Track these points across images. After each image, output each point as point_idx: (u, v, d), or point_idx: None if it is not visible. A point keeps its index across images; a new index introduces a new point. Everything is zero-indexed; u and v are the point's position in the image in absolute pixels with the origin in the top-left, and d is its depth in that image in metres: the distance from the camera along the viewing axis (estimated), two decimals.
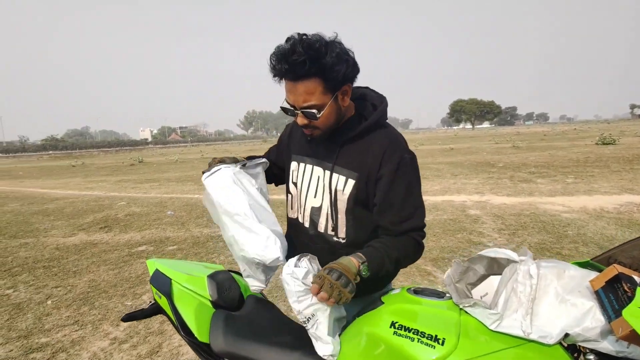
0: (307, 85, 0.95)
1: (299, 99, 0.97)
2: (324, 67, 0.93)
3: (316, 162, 1.13)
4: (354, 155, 1.07)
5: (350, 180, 1.06)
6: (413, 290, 0.91)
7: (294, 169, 1.20)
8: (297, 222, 1.21)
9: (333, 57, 0.93)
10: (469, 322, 0.78)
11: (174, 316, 1.06)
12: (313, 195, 1.14)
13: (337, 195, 1.08)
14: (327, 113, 1.00)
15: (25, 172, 20.83)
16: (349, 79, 1.01)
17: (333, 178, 1.08)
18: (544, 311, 0.76)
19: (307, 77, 0.94)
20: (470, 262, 0.93)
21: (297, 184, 1.18)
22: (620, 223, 4.58)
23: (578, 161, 10.89)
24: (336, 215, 1.10)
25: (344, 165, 1.07)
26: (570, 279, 0.78)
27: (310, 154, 1.16)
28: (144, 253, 4.38)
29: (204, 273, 1.15)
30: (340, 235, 1.11)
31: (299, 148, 1.20)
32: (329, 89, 0.97)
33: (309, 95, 0.96)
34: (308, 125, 1.03)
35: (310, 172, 1.14)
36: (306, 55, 0.90)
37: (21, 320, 2.84)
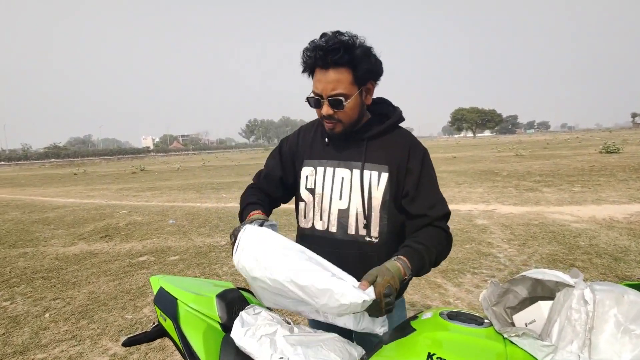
0: (338, 73, 1.00)
1: (328, 87, 1.02)
2: (355, 58, 0.99)
3: (339, 164, 1.13)
4: (381, 150, 1.11)
5: (384, 174, 1.09)
6: (447, 315, 0.82)
7: (309, 174, 1.17)
8: (314, 230, 1.16)
9: (364, 49, 1.02)
10: (516, 355, 0.69)
11: (180, 341, 0.97)
12: (338, 198, 1.11)
13: (372, 192, 1.09)
14: (353, 105, 1.05)
15: (27, 180, 20.80)
16: (374, 76, 1.07)
17: (365, 175, 1.09)
18: (603, 343, 0.67)
19: (339, 65, 1.00)
20: (511, 284, 0.83)
21: (316, 189, 1.15)
22: (633, 233, 4.47)
23: (583, 170, 10.79)
24: (369, 213, 1.09)
25: (373, 161, 1.10)
26: (632, 305, 0.69)
27: (328, 156, 1.15)
28: (145, 263, 4.28)
29: (212, 292, 1.06)
30: (373, 235, 1.10)
31: (313, 153, 1.18)
32: (356, 81, 1.03)
33: (339, 83, 1.01)
34: (332, 117, 1.06)
35: (331, 175, 1.13)
36: (341, 44, 0.99)
37: (17, 335, 2.74)
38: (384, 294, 0.86)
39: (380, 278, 0.88)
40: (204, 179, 15.07)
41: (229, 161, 32.44)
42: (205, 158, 45.35)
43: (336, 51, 0.98)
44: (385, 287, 0.86)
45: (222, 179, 14.95)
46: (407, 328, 0.83)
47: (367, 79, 1.05)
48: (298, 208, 1.22)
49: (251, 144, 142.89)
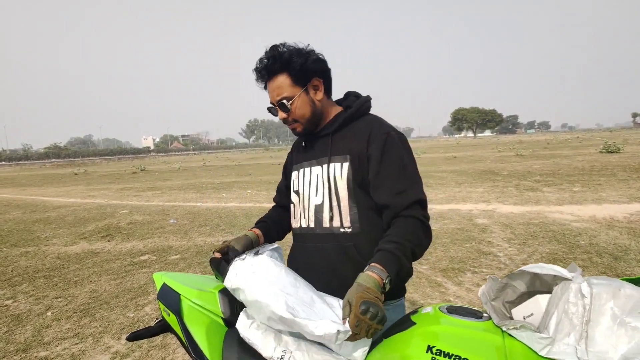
0: (276, 81, 1.11)
1: (273, 95, 1.12)
2: (285, 62, 1.08)
3: (313, 163, 1.18)
4: (343, 142, 1.14)
5: (345, 164, 1.11)
6: (447, 309, 0.83)
7: (295, 177, 1.25)
8: (301, 229, 1.21)
9: (292, 52, 1.09)
10: (515, 347, 0.70)
11: (183, 336, 0.98)
12: (315, 194, 1.16)
13: (337, 184, 1.11)
14: (299, 104, 1.12)
15: (28, 180, 20.83)
16: (315, 73, 1.12)
17: (330, 168, 1.12)
18: (600, 335, 0.68)
19: (275, 74, 1.10)
20: (509, 279, 0.85)
21: (299, 190, 1.21)
22: (633, 233, 4.48)
23: (583, 169, 10.80)
24: (338, 204, 1.11)
25: (337, 153, 1.13)
26: (628, 298, 0.70)
27: (306, 157, 1.22)
28: (147, 262, 4.30)
29: (215, 288, 1.07)
30: (345, 225, 1.11)
31: (297, 158, 1.28)
32: (296, 82, 1.10)
33: (280, 89, 1.11)
34: (287, 120, 1.15)
35: (309, 174, 1.18)
36: (271, 55, 1.10)
37: (20, 333, 2.75)
38: (362, 311, 0.80)
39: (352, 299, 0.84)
40: (205, 179, 15.09)
41: (229, 161, 32.46)
42: (206, 158, 45.39)
43: (266, 64, 1.10)
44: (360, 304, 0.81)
45: (223, 178, 14.97)
46: (407, 322, 0.85)
47: (308, 77, 1.11)
48: (290, 211, 1.28)
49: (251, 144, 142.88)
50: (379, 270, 0.90)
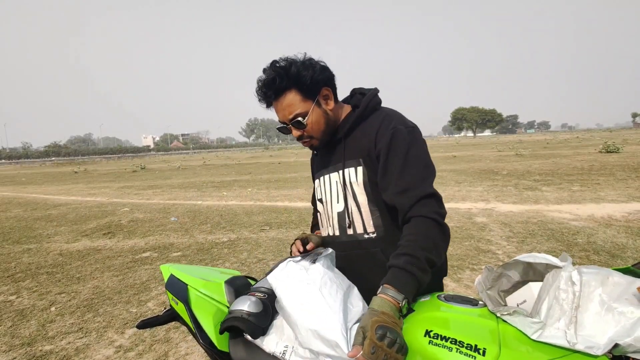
0: (286, 99, 1.04)
1: (285, 113, 1.06)
2: (293, 77, 1.02)
3: (331, 169, 1.14)
4: (354, 143, 1.09)
5: (359, 168, 1.06)
6: (444, 297, 0.87)
7: (317, 186, 1.22)
8: (328, 237, 1.18)
9: (298, 66, 1.03)
10: (508, 331, 0.74)
11: (192, 324, 1.02)
12: (336, 202, 1.13)
13: (354, 189, 1.07)
14: (314, 119, 1.07)
15: (28, 178, 20.86)
16: (323, 82, 1.07)
17: (345, 174, 1.08)
18: (589, 320, 0.72)
19: (283, 91, 1.04)
20: (504, 268, 0.89)
21: (322, 198, 1.18)
22: (631, 231, 4.52)
23: (583, 169, 10.83)
24: (359, 209, 1.07)
25: (350, 157, 1.09)
26: (615, 285, 0.74)
27: (324, 165, 1.18)
28: (148, 259, 4.33)
29: (221, 279, 1.11)
30: (369, 231, 1.07)
31: (317, 166, 1.24)
32: (306, 96, 1.05)
33: (291, 106, 1.04)
34: (303, 136, 1.10)
35: (329, 181, 1.15)
36: (275, 73, 1.02)
37: (24, 327, 2.79)
38: (378, 337, 0.73)
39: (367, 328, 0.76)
40: (205, 178, 15.13)
41: (229, 160, 32.49)
42: (206, 157, 45.42)
43: (273, 81, 1.02)
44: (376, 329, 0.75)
45: (223, 177, 15.00)
46: (407, 309, 0.88)
47: (318, 89, 1.06)
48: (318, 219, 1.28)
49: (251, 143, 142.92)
50: (393, 292, 0.83)
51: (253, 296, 0.98)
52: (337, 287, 0.90)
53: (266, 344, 0.92)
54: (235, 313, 0.92)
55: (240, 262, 4.10)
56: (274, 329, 0.94)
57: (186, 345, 2.45)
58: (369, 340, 0.73)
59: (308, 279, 0.91)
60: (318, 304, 0.85)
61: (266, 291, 1.00)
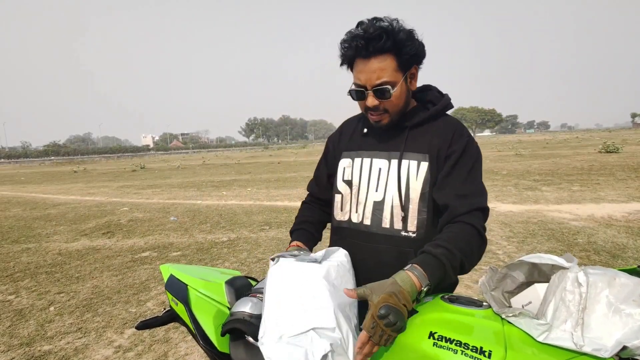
0: (381, 61, 0.94)
1: (372, 77, 0.96)
2: (398, 42, 0.93)
3: (376, 154, 1.07)
4: (422, 139, 1.03)
5: (423, 164, 1.01)
6: (448, 298, 0.85)
7: (346, 165, 1.11)
8: (350, 223, 1.09)
9: (406, 33, 0.95)
10: (513, 333, 0.73)
11: (192, 324, 1.00)
12: (375, 189, 1.05)
13: (410, 183, 1.01)
14: (399, 93, 0.99)
15: (28, 178, 20.82)
16: (418, 60, 1.01)
17: (402, 165, 1.02)
18: (596, 322, 0.71)
19: (382, 52, 0.94)
20: (508, 269, 0.87)
21: (353, 180, 1.09)
22: (631, 231, 4.52)
23: (582, 169, 10.84)
24: (406, 205, 1.00)
25: (413, 150, 1.02)
26: (622, 287, 0.73)
27: (366, 147, 1.09)
28: (148, 259, 4.32)
29: (221, 279, 1.10)
30: (410, 229, 1.01)
31: (351, 144, 1.14)
32: (400, 67, 0.97)
33: (383, 71, 0.95)
34: (378, 108, 1.00)
35: (369, 165, 1.07)
36: (382, 29, 0.92)
37: (23, 327, 2.78)
38: (379, 315, 0.73)
39: (375, 297, 0.76)
40: (204, 177, 15.11)
41: (228, 159, 32.46)
42: (205, 156, 45.40)
43: (378, 38, 0.92)
44: (380, 307, 0.74)
45: (222, 177, 14.99)
46: (411, 311, 0.87)
47: (411, 64, 0.99)
48: (334, 201, 1.15)
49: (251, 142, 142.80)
50: (421, 274, 0.82)
51: (255, 297, 0.96)
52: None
53: None
54: (237, 315, 0.91)
55: (240, 261, 4.09)
56: None
57: (186, 346, 2.44)
58: (370, 316, 0.75)
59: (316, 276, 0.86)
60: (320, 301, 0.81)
61: None
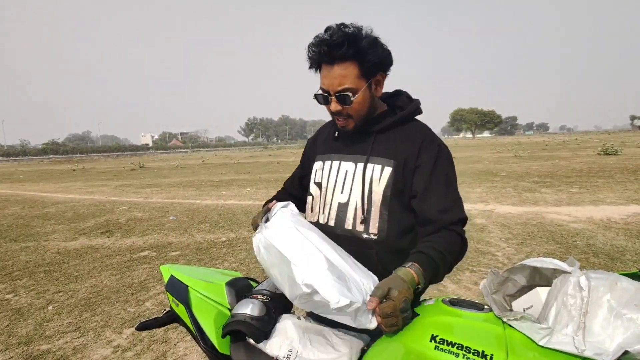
0: (343, 68, 0.97)
1: (334, 82, 0.98)
2: (360, 50, 0.96)
3: (345, 157, 1.10)
4: (389, 144, 1.06)
5: (387, 169, 1.03)
6: (449, 302, 0.85)
7: (318, 168, 1.15)
8: (318, 224, 1.12)
9: (369, 41, 0.97)
10: (514, 337, 0.73)
11: (192, 326, 1.00)
12: (340, 191, 1.08)
13: (373, 187, 1.04)
14: (361, 99, 1.01)
15: (26, 176, 20.77)
16: (383, 68, 1.03)
17: (367, 169, 1.05)
18: (597, 326, 0.70)
19: (344, 60, 0.96)
20: (510, 272, 0.87)
21: (322, 182, 1.13)
22: (630, 234, 4.52)
23: (581, 171, 10.86)
24: (369, 208, 1.04)
25: (379, 155, 1.05)
26: (624, 291, 0.73)
27: (337, 150, 1.13)
28: (147, 258, 4.31)
29: (221, 280, 1.10)
30: (371, 231, 1.04)
31: (324, 147, 1.18)
32: (363, 74, 0.99)
33: (344, 78, 0.97)
34: (341, 113, 1.03)
35: (337, 168, 1.10)
36: (345, 37, 0.95)
37: (21, 326, 2.77)
38: (402, 309, 0.80)
39: (395, 291, 0.81)
40: (204, 177, 15.10)
41: (228, 159, 32.43)
42: (205, 156, 45.35)
43: (340, 45, 0.94)
44: (402, 302, 0.80)
45: (222, 176, 14.98)
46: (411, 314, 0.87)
47: (376, 71, 1.01)
48: (306, 203, 1.19)
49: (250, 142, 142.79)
50: (419, 272, 0.87)
51: (255, 299, 0.96)
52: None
53: (269, 348, 0.90)
54: (238, 317, 0.91)
55: (239, 262, 4.08)
56: (277, 333, 0.93)
57: (184, 346, 2.44)
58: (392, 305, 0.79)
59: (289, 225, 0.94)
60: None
61: (268, 294, 0.99)
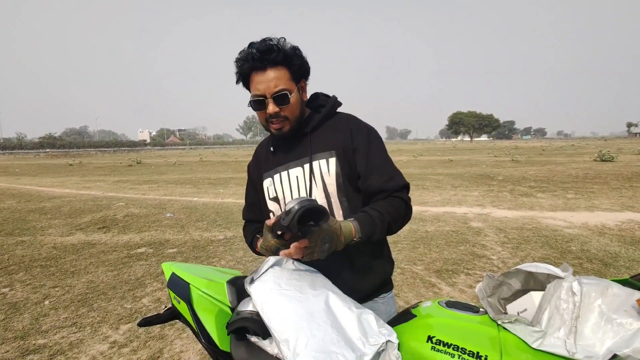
0: (276, 71, 1.04)
1: (270, 85, 1.04)
2: (287, 56, 1.05)
3: (290, 165, 1.16)
4: (324, 138, 1.14)
5: (332, 159, 1.11)
6: (445, 303, 0.88)
7: (268, 185, 1.20)
8: None
9: (292, 48, 1.07)
10: (508, 339, 0.76)
11: (194, 323, 1.02)
12: (297, 196, 1.13)
13: (325, 180, 1.11)
14: (295, 100, 1.08)
15: (22, 170, 20.66)
16: (305, 74, 1.12)
17: (314, 166, 1.11)
18: (588, 330, 0.73)
19: (276, 64, 1.04)
20: (505, 277, 0.90)
21: (278, 195, 1.17)
22: (623, 240, 4.57)
23: (577, 177, 10.93)
24: (328, 201, 1.11)
25: (319, 150, 1.12)
26: (615, 297, 0.75)
27: (279, 162, 1.18)
28: (144, 255, 4.32)
29: (222, 278, 1.11)
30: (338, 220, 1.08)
31: (266, 165, 1.22)
32: (293, 78, 1.07)
33: (279, 80, 1.04)
34: (278, 115, 1.08)
35: (287, 177, 1.16)
36: (272, 45, 1.03)
37: (18, 321, 2.77)
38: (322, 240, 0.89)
39: (326, 225, 0.90)
40: (201, 174, 15.08)
41: (225, 157, 32.40)
42: (202, 153, 45.25)
43: (271, 50, 1.03)
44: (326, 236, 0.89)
45: (219, 174, 14.97)
46: (408, 315, 0.90)
47: (300, 77, 1.11)
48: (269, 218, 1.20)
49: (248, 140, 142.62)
50: (358, 229, 0.97)
51: None
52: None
53: (271, 346, 0.91)
54: (243, 314, 0.93)
55: (237, 260, 4.10)
56: None
57: (181, 343, 2.45)
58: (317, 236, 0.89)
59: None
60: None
61: None
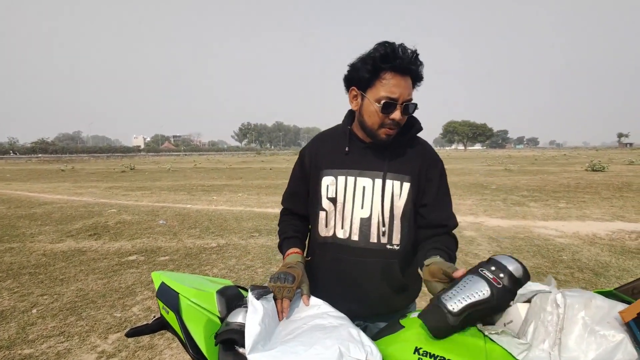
0: (409, 82, 1.07)
1: (405, 92, 1.06)
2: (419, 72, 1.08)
3: (360, 173, 1.15)
4: (402, 160, 1.16)
5: (405, 184, 1.13)
6: None
7: (330, 183, 1.17)
8: (335, 238, 1.16)
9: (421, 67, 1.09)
10: (494, 351, 0.76)
11: (182, 333, 1.01)
12: (360, 207, 1.13)
13: (394, 201, 1.13)
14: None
15: (13, 175, 20.41)
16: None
17: (387, 185, 1.13)
18: (572, 342, 0.74)
19: (409, 74, 1.07)
20: None
21: (337, 198, 1.16)
22: (614, 250, 4.62)
23: (569, 186, 11.06)
24: (391, 222, 1.13)
25: (395, 171, 1.14)
26: (598, 309, 0.76)
27: (350, 165, 1.16)
28: (135, 263, 4.27)
29: (212, 288, 1.11)
30: (394, 242, 1.14)
31: (332, 162, 1.19)
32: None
33: (411, 90, 1.08)
34: (399, 124, 1.10)
35: (353, 184, 1.14)
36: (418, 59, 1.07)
37: (4, 330, 2.72)
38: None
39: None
40: (195, 181, 15.01)
41: (220, 164, 32.29)
42: (197, 160, 45.07)
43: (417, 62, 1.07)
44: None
45: (213, 181, 14.91)
46: (397, 326, 0.90)
47: None
48: (318, 217, 1.20)
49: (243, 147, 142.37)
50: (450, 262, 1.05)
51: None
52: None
53: None
54: (232, 325, 0.92)
55: (229, 268, 4.07)
56: None
57: (170, 353, 2.42)
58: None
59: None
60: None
61: None
